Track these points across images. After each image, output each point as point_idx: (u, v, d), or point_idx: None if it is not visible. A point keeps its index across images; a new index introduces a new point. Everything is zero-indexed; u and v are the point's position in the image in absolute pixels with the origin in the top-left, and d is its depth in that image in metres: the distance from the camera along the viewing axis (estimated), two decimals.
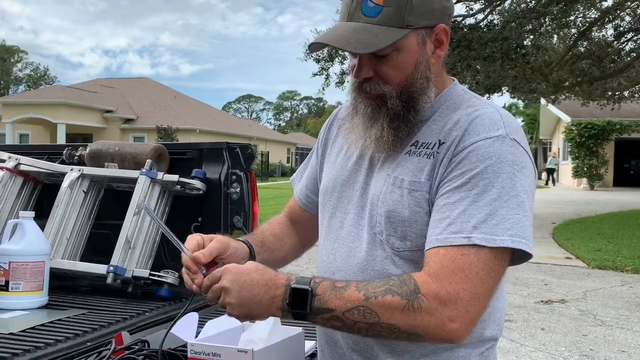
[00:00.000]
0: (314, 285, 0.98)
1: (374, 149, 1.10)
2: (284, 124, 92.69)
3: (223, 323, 1.25)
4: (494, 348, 1.15)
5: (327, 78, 12.34)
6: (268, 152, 37.87)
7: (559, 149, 28.68)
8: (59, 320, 1.75)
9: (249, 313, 1.01)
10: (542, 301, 5.78)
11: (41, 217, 2.03)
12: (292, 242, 1.36)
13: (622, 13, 11.83)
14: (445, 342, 1.00)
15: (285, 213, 1.42)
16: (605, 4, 11.55)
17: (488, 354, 1.12)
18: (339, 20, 1.10)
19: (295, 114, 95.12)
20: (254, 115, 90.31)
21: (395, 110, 1.07)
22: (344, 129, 1.18)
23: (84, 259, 2.22)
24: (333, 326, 1.00)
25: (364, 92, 1.09)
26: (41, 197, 2.46)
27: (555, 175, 28.04)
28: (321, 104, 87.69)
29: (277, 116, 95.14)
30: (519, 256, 1.01)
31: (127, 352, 1.12)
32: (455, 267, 0.95)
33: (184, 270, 1.11)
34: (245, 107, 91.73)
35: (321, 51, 10.25)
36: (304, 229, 1.36)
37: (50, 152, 2.54)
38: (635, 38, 12.92)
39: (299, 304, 0.98)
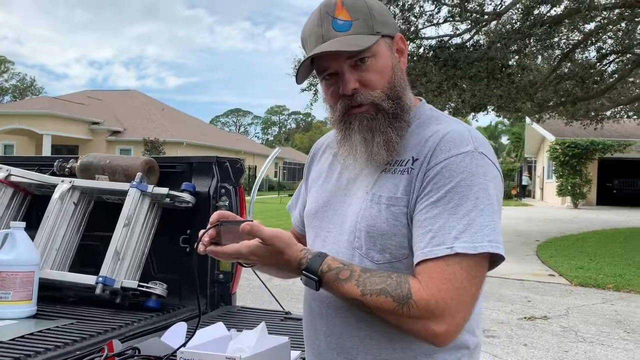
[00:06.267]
0: (321, 274, 1.07)
1: (385, 155, 1.14)
2: (272, 138, 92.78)
3: (211, 332, 1.29)
4: (474, 358, 1.18)
5: (315, 93, 12.42)
6: (255, 166, 37.85)
7: (543, 167, 29.10)
8: (48, 329, 1.78)
9: (267, 269, 1.16)
10: (525, 317, 5.85)
11: (29, 228, 2.06)
12: None
13: (604, 36, 12.09)
14: (428, 343, 1.07)
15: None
16: (588, 27, 11.81)
17: None
18: (312, 48, 1.14)
19: (284, 129, 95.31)
20: (242, 129, 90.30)
21: (391, 110, 1.14)
22: (340, 154, 1.21)
23: (72, 269, 2.24)
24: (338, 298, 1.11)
25: (356, 106, 1.14)
26: (30, 208, 2.48)
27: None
28: (309, 119, 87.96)
29: (265, 130, 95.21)
30: (494, 260, 1.09)
31: (118, 358, 1.15)
32: (442, 278, 1.02)
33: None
34: (234, 121, 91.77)
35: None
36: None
37: (40, 164, 2.56)
38: (617, 60, 13.20)
39: (309, 282, 1.09)
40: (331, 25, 1.12)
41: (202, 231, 1.11)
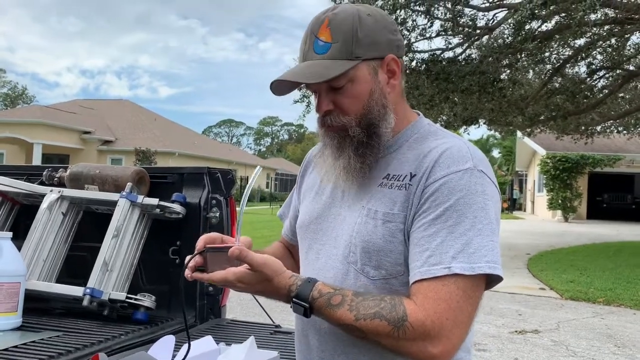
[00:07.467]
0: (312, 301, 1.05)
1: (344, 179, 1.16)
2: (264, 149, 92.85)
3: (200, 346, 1.27)
4: None
5: (307, 105, 12.44)
6: (247, 176, 37.80)
7: (534, 181, 29.29)
8: (33, 342, 1.74)
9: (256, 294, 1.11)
10: (516, 331, 5.83)
11: (17, 238, 2.03)
12: (290, 263, 1.43)
13: (594, 52, 12.22)
14: None
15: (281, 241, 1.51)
16: (578, 43, 11.94)
17: None
18: (299, 62, 1.17)
19: (276, 140, 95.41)
20: (234, 140, 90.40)
21: (358, 138, 1.13)
22: (317, 163, 1.24)
23: (60, 280, 2.21)
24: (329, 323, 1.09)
25: (327, 125, 1.16)
26: (18, 217, 2.45)
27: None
28: (302, 130, 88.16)
29: (258, 141, 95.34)
30: (491, 280, 1.07)
31: None
32: (438, 298, 1.01)
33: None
34: (226, 132, 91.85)
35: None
36: (297, 257, 1.41)
37: (29, 173, 2.54)
38: (607, 75, 13.34)
39: (299, 309, 1.08)
40: (313, 45, 1.13)
41: (188, 257, 1.09)
